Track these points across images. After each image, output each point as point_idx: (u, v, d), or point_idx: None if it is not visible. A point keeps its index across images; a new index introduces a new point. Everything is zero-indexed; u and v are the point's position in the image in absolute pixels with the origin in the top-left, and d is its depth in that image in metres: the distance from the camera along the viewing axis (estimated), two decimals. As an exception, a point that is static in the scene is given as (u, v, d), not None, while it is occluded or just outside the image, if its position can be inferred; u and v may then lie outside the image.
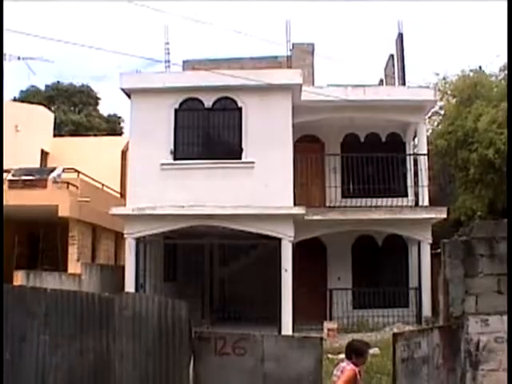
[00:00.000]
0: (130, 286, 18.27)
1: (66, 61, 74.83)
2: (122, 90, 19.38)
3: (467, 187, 23.32)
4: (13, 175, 21.26)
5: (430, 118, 26.02)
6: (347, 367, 8.82)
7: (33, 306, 10.87)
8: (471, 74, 25.52)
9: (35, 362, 10.72)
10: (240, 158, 18.89)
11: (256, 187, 18.39)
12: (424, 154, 20.89)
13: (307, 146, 21.07)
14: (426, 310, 19.39)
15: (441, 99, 25.15)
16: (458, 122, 23.61)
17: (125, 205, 19.28)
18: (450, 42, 75.73)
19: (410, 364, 9.94)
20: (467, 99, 23.87)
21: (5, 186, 20.66)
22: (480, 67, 25.35)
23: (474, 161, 22.16)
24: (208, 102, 19.22)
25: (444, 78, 26.22)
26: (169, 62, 22.37)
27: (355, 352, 8.90)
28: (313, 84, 22.96)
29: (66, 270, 20.36)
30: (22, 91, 46.26)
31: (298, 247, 19.35)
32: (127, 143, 22.96)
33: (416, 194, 21.31)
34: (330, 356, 13.71)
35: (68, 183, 20.98)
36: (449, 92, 25.86)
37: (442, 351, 10.33)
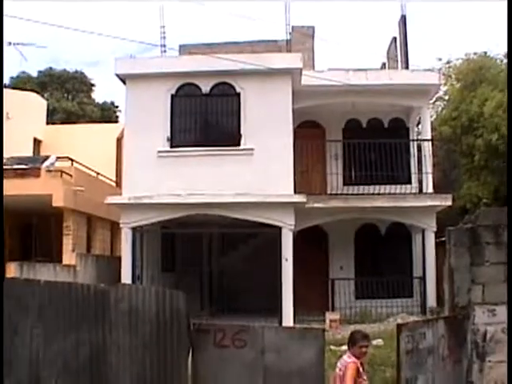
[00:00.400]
0: (126, 276, 18.25)
1: (59, 46, 74.73)
2: (117, 75, 19.31)
3: (472, 174, 23.24)
4: (5, 164, 21.19)
5: (434, 103, 25.91)
6: (348, 361, 8.76)
7: (26, 299, 10.85)
8: (475, 57, 25.37)
9: (29, 355, 10.70)
10: (239, 145, 18.83)
11: (255, 174, 18.35)
12: (428, 140, 20.83)
13: (308, 132, 21.02)
14: (431, 300, 19.37)
15: (445, 84, 25.05)
16: (463, 107, 23.50)
17: (121, 194, 19.25)
18: (454, 24, 75.54)
19: (415, 355, 9.93)
20: (471, 83, 23.75)
21: (-3, 175, 20.65)
22: (485, 52, 25.17)
23: (480, 147, 22.07)
24: (205, 87, 19.14)
25: (448, 62, 26.09)
26: (165, 46, 22.22)
27: (349, 341, 8.92)
28: (313, 68, 22.89)
29: (60, 261, 20.34)
30: (12, 78, 46.03)
31: (298, 236, 19.33)
32: (122, 130, 22.93)
33: (420, 181, 21.26)
34: (332, 348, 13.71)
35: (62, 172, 20.92)
36: (453, 76, 25.75)
37: (448, 342, 10.32)
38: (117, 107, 50.37)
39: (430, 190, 20.36)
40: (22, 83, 43.35)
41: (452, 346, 10.36)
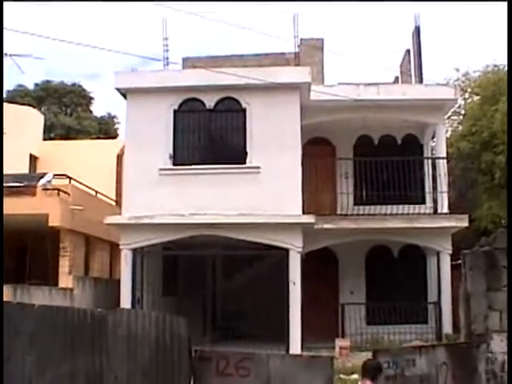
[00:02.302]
0: (126, 300, 18.24)
1: (57, 58, 75.07)
2: (118, 89, 19.38)
3: (492, 193, 23.20)
4: (-1, 182, 21.25)
5: (449, 118, 25.91)
6: None
7: (19, 324, 10.83)
8: (495, 69, 25.40)
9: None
10: (244, 163, 18.85)
11: (262, 194, 18.34)
12: (443, 158, 20.81)
13: (317, 150, 21.04)
14: (447, 327, 19.30)
15: (461, 97, 25.07)
16: (483, 122, 23.50)
17: (120, 213, 19.25)
18: (472, 35, 75.63)
19: (399, 382, 9.97)
20: (491, 97, 23.76)
21: (-9, 194, 20.68)
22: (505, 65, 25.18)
23: (500, 163, 22.04)
24: (210, 102, 19.20)
25: (465, 74, 26.11)
26: (167, 59, 22.29)
27: (375, 370, 8.74)
28: (322, 82, 22.94)
29: (56, 284, 20.30)
30: (9, 91, 46.20)
31: (307, 259, 19.30)
32: (123, 147, 22.97)
33: (434, 201, 21.23)
34: (342, 376, 13.66)
35: (59, 190, 20.93)
36: (470, 90, 25.77)
37: (452, 371, 10.28)
38: (114, 118, 50.50)
39: (446, 210, 20.32)
40: (19, 97, 43.58)
41: (458, 376, 10.32)
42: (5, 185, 20.88)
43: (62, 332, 10.73)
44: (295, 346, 17.70)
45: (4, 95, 44.77)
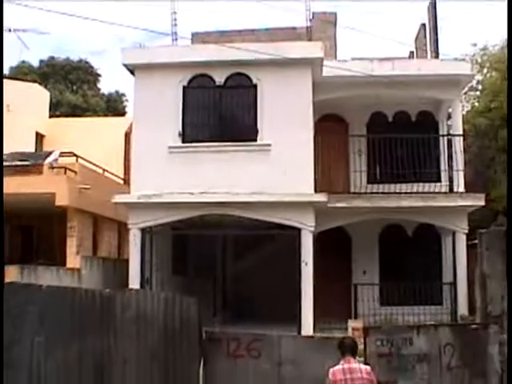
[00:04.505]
0: (134, 280, 18.31)
1: (62, 34, 74.97)
2: (125, 65, 19.34)
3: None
4: (5, 160, 21.29)
5: (465, 94, 25.76)
6: (368, 368, 9.02)
7: (27, 305, 10.90)
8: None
9: (29, 366, 10.76)
10: (255, 140, 18.82)
11: (273, 172, 18.33)
12: (459, 135, 20.68)
13: (329, 127, 20.97)
14: (462, 308, 19.27)
15: (479, 72, 24.92)
16: (502, 98, 23.35)
17: (129, 192, 19.28)
18: (490, 8, 74.96)
19: (395, 360, 10.07)
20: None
21: (-4, 173, 20.74)
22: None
23: (519, 140, 21.94)
24: (219, 78, 19.15)
25: (484, 49, 25.93)
26: (176, 34, 22.32)
27: (353, 347, 9.26)
28: (335, 58, 22.91)
29: (64, 264, 20.38)
30: (12, 67, 46.00)
31: (319, 238, 19.30)
32: (131, 124, 22.96)
33: (450, 179, 21.12)
34: (355, 358, 13.65)
35: (66, 168, 20.98)
36: (488, 64, 25.59)
37: (460, 352, 10.32)
38: (121, 95, 50.39)
39: (462, 188, 20.22)
40: (23, 73, 43.45)
41: (467, 357, 10.37)
42: (11, 163, 20.95)
43: (70, 313, 10.80)
44: (307, 327, 17.75)
45: (7, 71, 44.86)
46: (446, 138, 21.60)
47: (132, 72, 19.42)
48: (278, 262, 20.28)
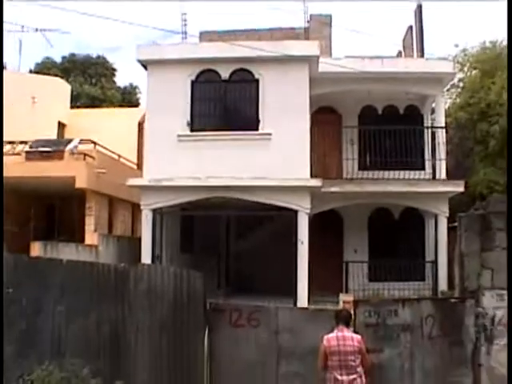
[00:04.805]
0: (146, 257, 18.36)
1: (81, 32, 74.80)
2: (139, 61, 19.33)
3: (487, 160, 23.11)
4: (30, 147, 21.33)
5: (448, 90, 25.74)
6: (360, 337, 9.26)
7: (49, 277, 10.97)
8: (492, 45, 25.18)
9: (51, 331, 10.84)
10: (257, 130, 18.82)
11: (273, 159, 18.33)
12: (442, 127, 20.71)
13: (324, 118, 20.97)
14: (443, 284, 19.35)
15: (460, 71, 24.90)
16: (480, 95, 23.36)
17: (141, 176, 19.31)
18: (471, 13, 74.74)
19: (381, 330, 10.21)
20: (489, 71, 23.59)
21: (22, 158, 20.75)
22: (502, 41, 24.90)
23: (495, 133, 21.94)
24: (225, 73, 19.13)
25: (464, 50, 25.92)
26: (185, 33, 22.30)
27: (348, 319, 9.66)
28: (330, 56, 22.82)
29: (82, 241, 20.46)
30: (37, 64, 46.16)
31: (314, 219, 19.37)
32: (144, 115, 22.96)
33: (433, 168, 21.13)
34: (345, 328, 13.70)
35: (85, 154, 21.02)
36: (468, 64, 25.58)
37: (439, 323, 10.44)
38: (135, 88, 50.28)
39: (443, 176, 20.29)
40: (47, 68, 43.46)
41: (446, 328, 10.48)
42: (36, 149, 21.00)
43: (89, 285, 10.87)
44: (302, 300, 17.80)
45: (33, 67, 44.87)
46: (429, 129, 21.61)
47: (145, 67, 19.40)
48: (277, 241, 20.30)
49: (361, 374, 9.14)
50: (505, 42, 24.41)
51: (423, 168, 21.41)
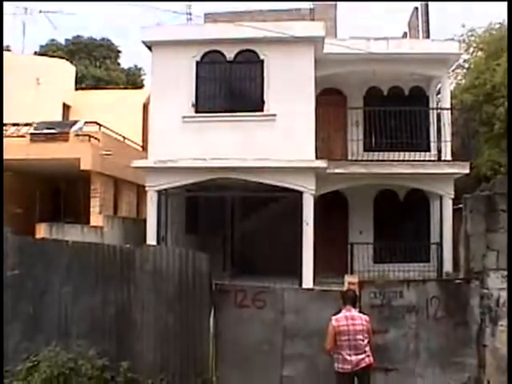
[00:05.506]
0: (151, 238, 18.38)
1: (86, 14, 74.54)
2: (144, 42, 19.25)
3: (492, 142, 23.05)
4: (35, 128, 21.31)
5: (453, 71, 25.62)
6: (367, 317, 9.37)
7: (55, 258, 11.00)
8: (498, 26, 25.01)
9: (58, 312, 10.89)
10: (262, 111, 18.76)
11: (278, 140, 18.30)
12: (447, 109, 20.65)
13: (329, 99, 20.89)
14: (447, 265, 19.35)
15: (466, 52, 24.78)
16: (486, 76, 23.24)
17: (146, 158, 19.27)
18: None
19: (386, 311, 10.25)
20: (494, 53, 23.45)
21: (27, 140, 20.75)
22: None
23: (500, 115, 21.86)
24: (230, 54, 19.05)
25: (471, 30, 25.72)
26: (190, 14, 22.14)
27: (355, 299, 9.86)
28: (335, 37, 22.71)
29: (88, 222, 20.51)
30: (41, 46, 46.13)
31: (319, 201, 19.34)
32: (149, 96, 22.91)
33: (439, 149, 21.10)
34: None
35: (90, 136, 21.01)
36: (475, 45, 25.44)
37: (445, 304, 10.46)
38: (140, 69, 50.22)
39: (449, 157, 20.24)
40: (52, 51, 43.39)
41: (451, 309, 10.51)
42: (40, 131, 20.99)
43: (94, 266, 10.90)
44: (307, 281, 17.82)
45: (38, 49, 44.79)
46: (435, 111, 21.54)
47: (150, 48, 19.33)
48: (282, 222, 20.30)
49: (369, 354, 9.22)
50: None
51: (428, 149, 21.36)
